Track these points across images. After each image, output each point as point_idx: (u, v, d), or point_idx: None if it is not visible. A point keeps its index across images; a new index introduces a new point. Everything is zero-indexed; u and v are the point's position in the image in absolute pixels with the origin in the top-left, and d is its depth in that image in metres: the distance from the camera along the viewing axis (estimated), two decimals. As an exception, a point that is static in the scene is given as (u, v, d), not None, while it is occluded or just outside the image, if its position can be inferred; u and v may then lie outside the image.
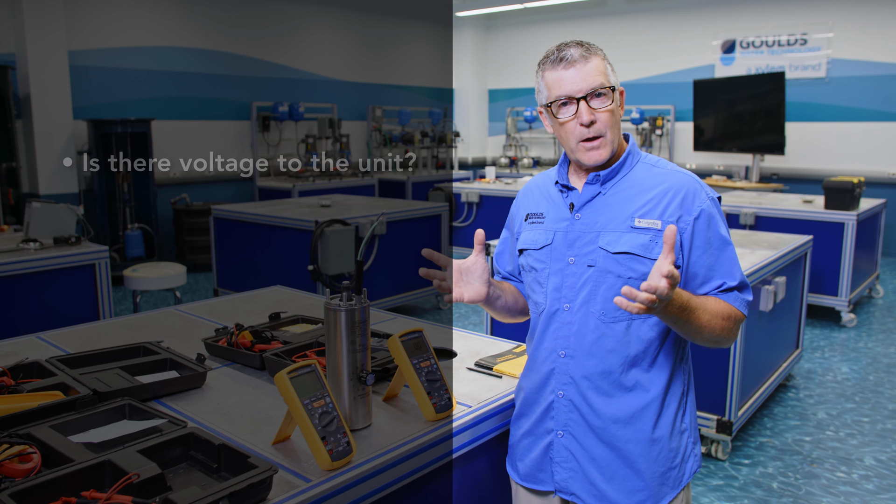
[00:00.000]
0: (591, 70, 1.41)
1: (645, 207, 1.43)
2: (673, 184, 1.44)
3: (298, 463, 1.33)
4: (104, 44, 7.39)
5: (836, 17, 8.47)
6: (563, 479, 1.50)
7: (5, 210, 6.18)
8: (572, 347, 1.46)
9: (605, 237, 1.44)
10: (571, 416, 1.47)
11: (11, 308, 3.52)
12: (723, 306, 1.41)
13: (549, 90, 1.45)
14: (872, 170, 8.22)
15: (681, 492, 1.47)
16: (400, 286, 5.58)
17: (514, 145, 11.29)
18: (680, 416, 1.48)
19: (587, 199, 1.48)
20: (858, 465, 3.27)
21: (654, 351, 1.44)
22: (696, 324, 1.36)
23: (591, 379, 1.45)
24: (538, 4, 9.97)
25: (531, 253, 1.54)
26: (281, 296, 2.76)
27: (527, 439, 1.56)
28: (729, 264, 1.44)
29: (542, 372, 1.51)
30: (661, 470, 1.45)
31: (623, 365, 1.43)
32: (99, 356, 1.84)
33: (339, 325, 1.45)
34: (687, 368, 1.52)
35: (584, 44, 1.44)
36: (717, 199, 1.47)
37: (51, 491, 1.14)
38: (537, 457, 1.53)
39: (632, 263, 1.41)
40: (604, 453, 1.45)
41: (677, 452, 1.47)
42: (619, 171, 1.48)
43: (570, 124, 1.43)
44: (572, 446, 1.48)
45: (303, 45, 9.34)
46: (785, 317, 4.03)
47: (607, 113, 1.42)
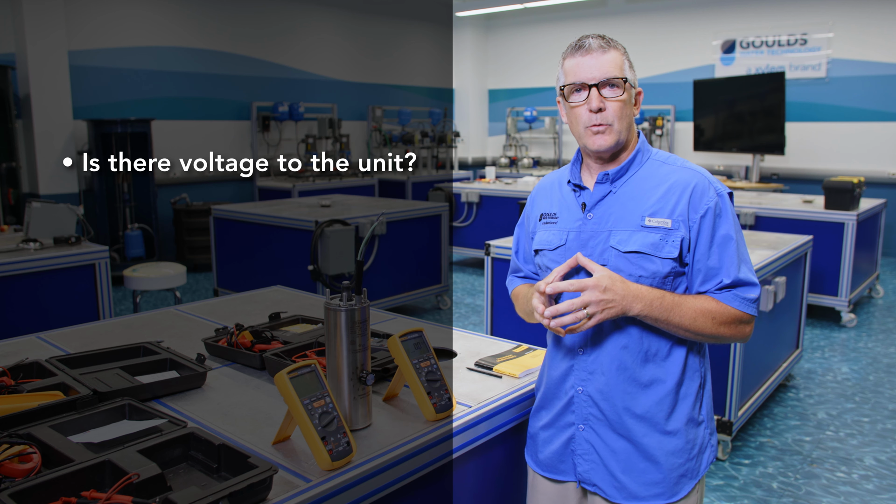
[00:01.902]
0: (607, 60, 1.44)
1: (655, 206, 1.44)
2: (681, 180, 1.45)
3: (298, 463, 1.33)
4: (104, 44, 7.39)
5: (836, 17, 8.47)
6: (586, 471, 1.52)
7: (5, 210, 6.18)
8: (589, 345, 1.49)
9: (616, 236, 1.45)
10: (591, 410, 1.50)
11: (11, 308, 3.52)
12: (713, 305, 1.42)
13: (566, 76, 1.48)
14: (872, 170, 8.22)
15: (697, 483, 1.49)
16: (400, 286, 5.58)
17: (514, 145, 11.29)
18: (697, 407, 1.49)
19: (598, 199, 1.50)
20: (858, 465, 3.27)
21: (668, 345, 1.46)
22: (675, 322, 1.40)
23: (607, 375, 1.47)
24: (538, 4, 9.97)
25: (546, 253, 1.56)
26: (281, 296, 2.76)
27: (547, 431, 1.58)
28: (729, 262, 1.44)
29: (562, 368, 1.54)
30: (678, 461, 1.46)
31: (638, 360, 1.45)
32: (99, 356, 1.84)
33: (339, 325, 1.45)
34: (704, 361, 1.53)
35: (606, 37, 1.48)
36: (727, 194, 1.47)
37: (51, 491, 1.14)
38: (558, 448, 1.56)
39: (642, 262, 1.42)
40: (623, 446, 1.47)
41: (694, 444, 1.48)
42: (629, 170, 1.49)
43: (579, 109, 1.46)
44: (593, 439, 1.50)
45: (303, 45, 9.34)
46: (785, 317, 4.03)
47: (618, 103, 1.44)
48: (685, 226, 1.42)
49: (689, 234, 1.43)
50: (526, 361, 1.88)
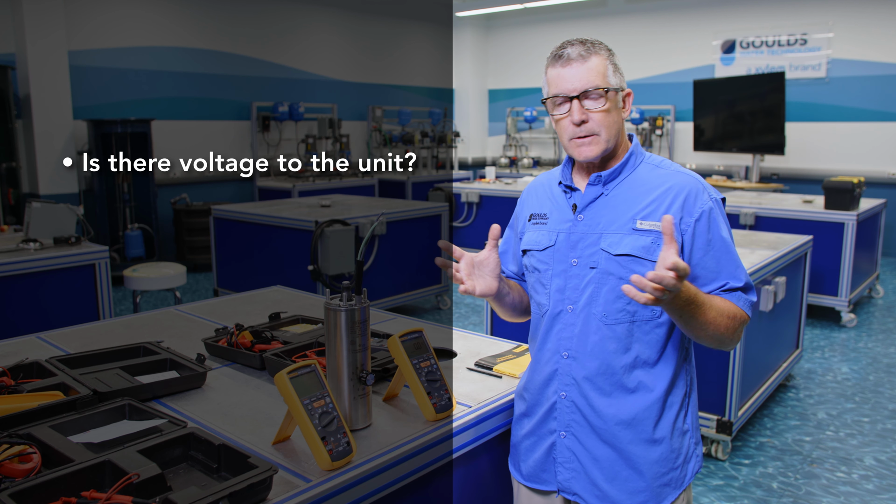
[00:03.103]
0: (587, 70, 1.41)
1: (647, 209, 1.42)
2: (675, 184, 1.44)
3: (298, 463, 1.33)
4: (104, 44, 7.39)
5: (836, 17, 8.46)
6: (566, 480, 1.50)
7: (5, 210, 6.18)
8: (575, 349, 1.46)
9: (606, 239, 1.44)
10: (574, 416, 1.47)
11: (11, 308, 3.52)
12: (729, 305, 1.40)
13: (549, 86, 1.46)
14: (872, 170, 8.22)
15: (682, 492, 1.47)
16: (400, 286, 5.58)
17: (514, 145, 11.29)
18: (682, 416, 1.48)
19: (590, 200, 1.48)
20: (858, 465, 3.27)
21: (656, 352, 1.44)
22: (702, 319, 1.35)
23: (593, 380, 1.45)
24: (538, 4, 9.97)
25: (534, 254, 1.54)
26: (281, 296, 2.76)
27: (529, 439, 1.56)
28: (732, 266, 1.43)
29: (545, 373, 1.51)
30: (662, 471, 1.45)
31: (625, 366, 1.43)
32: (99, 356, 1.84)
33: (339, 325, 1.45)
34: (690, 369, 1.52)
35: (588, 42, 1.44)
36: (720, 199, 1.46)
37: (51, 491, 1.14)
38: (540, 457, 1.54)
39: (633, 266, 1.40)
40: (606, 454, 1.45)
41: (679, 453, 1.47)
42: (622, 172, 1.48)
43: (563, 121, 1.45)
44: (575, 447, 1.48)
45: (303, 45, 9.34)
46: (785, 317, 4.03)
47: (601, 113, 1.42)
48: (678, 229, 1.40)
49: (683, 238, 1.41)
50: (526, 361, 1.87)
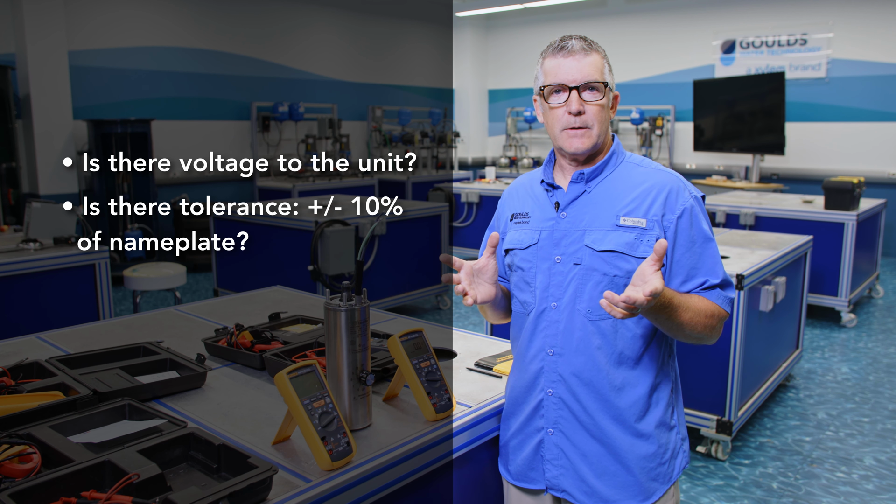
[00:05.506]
0: (588, 63, 1.44)
1: (630, 206, 1.44)
2: (657, 182, 1.46)
3: (298, 463, 1.33)
4: (104, 44, 7.39)
5: (836, 17, 8.46)
6: (554, 477, 1.51)
7: (5, 210, 6.18)
8: (560, 345, 1.47)
9: (590, 235, 1.45)
10: (561, 413, 1.48)
11: (11, 308, 3.52)
12: (706, 304, 1.43)
13: (546, 76, 1.47)
14: (872, 170, 8.22)
15: (670, 487, 1.49)
16: (400, 286, 5.58)
17: (514, 145, 11.29)
18: (669, 411, 1.49)
19: (572, 198, 1.50)
20: (858, 465, 3.27)
21: (641, 347, 1.45)
22: (678, 321, 1.38)
23: (579, 376, 1.46)
24: (538, 4, 9.96)
25: (517, 252, 1.55)
26: (281, 296, 2.76)
27: (517, 438, 1.56)
28: (711, 262, 1.45)
29: (531, 371, 1.52)
30: (650, 465, 1.46)
31: (611, 362, 1.44)
32: (99, 356, 1.84)
33: (339, 325, 1.45)
34: (674, 365, 1.54)
35: (588, 39, 1.47)
36: (700, 197, 1.49)
37: (51, 491, 1.14)
38: (528, 455, 1.54)
39: (617, 261, 1.42)
40: (594, 449, 1.46)
41: (667, 448, 1.48)
42: (604, 170, 1.49)
43: (558, 111, 1.45)
44: (563, 443, 1.49)
45: (303, 45, 9.34)
46: (785, 317, 4.03)
47: (597, 107, 1.44)
48: (660, 226, 1.42)
49: (665, 235, 1.43)
50: (526, 361, 1.88)
